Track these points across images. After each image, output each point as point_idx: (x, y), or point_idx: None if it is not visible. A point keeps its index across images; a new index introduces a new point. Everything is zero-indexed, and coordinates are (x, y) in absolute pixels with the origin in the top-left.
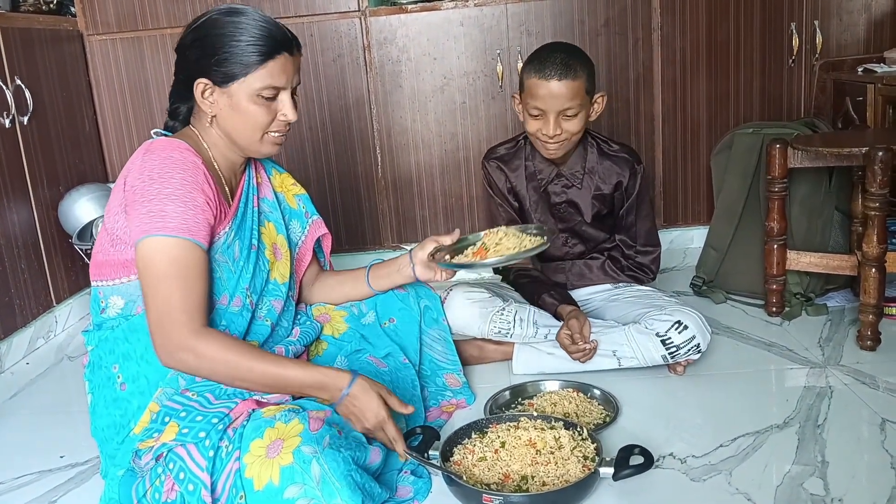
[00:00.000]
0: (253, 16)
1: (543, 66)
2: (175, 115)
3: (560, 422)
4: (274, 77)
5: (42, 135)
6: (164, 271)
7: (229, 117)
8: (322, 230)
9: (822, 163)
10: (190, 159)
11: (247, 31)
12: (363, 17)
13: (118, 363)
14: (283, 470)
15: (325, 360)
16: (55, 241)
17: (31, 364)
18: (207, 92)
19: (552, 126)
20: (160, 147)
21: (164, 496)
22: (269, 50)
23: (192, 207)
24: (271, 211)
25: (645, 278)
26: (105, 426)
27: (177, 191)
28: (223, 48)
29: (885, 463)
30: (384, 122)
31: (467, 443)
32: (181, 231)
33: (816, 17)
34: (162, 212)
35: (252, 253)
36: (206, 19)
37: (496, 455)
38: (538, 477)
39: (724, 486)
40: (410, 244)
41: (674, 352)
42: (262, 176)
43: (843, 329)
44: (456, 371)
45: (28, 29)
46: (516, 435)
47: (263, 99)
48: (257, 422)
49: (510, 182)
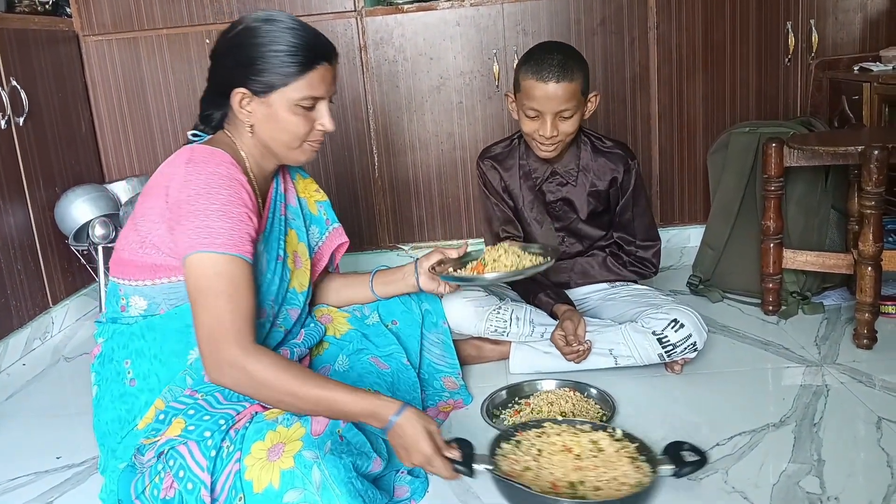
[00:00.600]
0: (290, 24)
1: (540, 67)
2: (207, 122)
3: (586, 424)
4: (313, 87)
5: (38, 136)
6: (213, 287)
7: (267, 126)
8: (342, 239)
9: (818, 161)
10: (235, 176)
11: (285, 40)
12: (359, 18)
13: (130, 359)
14: (283, 474)
15: (326, 360)
16: (51, 243)
17: (27, 365)
18: (245, 101)
19: (549, 127)
20: (203, 159)
21: (163, 493)
22: (309, 60)
23: (238, 223)
24: (294, 218)
25: (647, 272)
26: (109, 420)
27: (224, 206)
28: (262, 58)
29: (882, 461)
30: (381, 123)
31: (505, 453)
32: (229, 247)
33: (812, 15)
34: (209, 228)
35: (278, 264)
36: (243, 27)
37: (538, 464)
38: (588, 482)
39: (721, 484)
40: (407, 244)
41: (670, 350)
42: (288, 181)
43: (839, 327)
44: (454, 374)
45: (24, 30)
46: (549, 441)
47: (302, 108)
48: (259, 424)
49: (504, 181)
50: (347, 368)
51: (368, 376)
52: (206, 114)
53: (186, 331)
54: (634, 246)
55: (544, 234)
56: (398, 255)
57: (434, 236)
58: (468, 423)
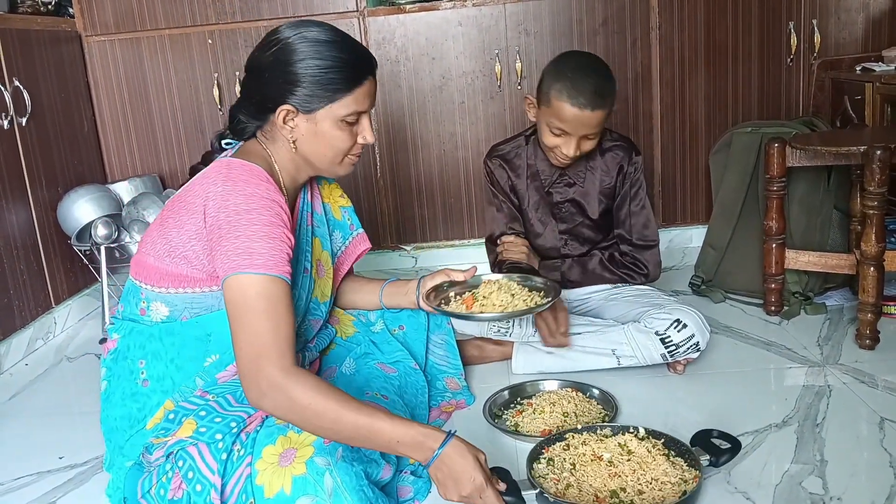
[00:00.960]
0: (334, 37)
1: (577, 93)
2: (240, 133)
3: (606, 428)
4: (359, 102)
5: (40, 136)
6: (254, 307)
7: (310, 142)
8: (365, 244)
9: (820, 162)
10: (274, 196)
11: (331, 56)
12: (361, 18)
13: (145, 359)
14: (295, 480)
15: (332, 361)
16: (54, 243)
17: (30, 365)
18: (290, 118)
19: (573, 148)
20: (242, 177)
21: (171, 494)
22: (356, 76)
23: (279, 244)
24: (319, 226)
25: (638, 275)
26: (118, 416)
27: (264, 227)
28: (309, 75)
29: (884, 461)
30: (383, 122)
31: (542, 474)
32: (270, 268)
33: (815, 15)
34: (250, 249)
35: (305, 277)
36: (285, 43)
37: (576, 478)
38: (629, 487)
39: (723, 484)
40: (409, 244)
41: (673, 350)
42: (315, 188)
43: (841, 328)
44: (457, 375)
45: (26, 30)
46: (579, 453)
47: (347, 124)
48: (270, 428)
49: (511, 181)
50: (354, 372)
51: (375, 381)
52: (239, 126)
53: (206, 339)
54: (630, 245)
55: (547, 236)
56: (400, 255)
57: (436, 236)
58: (470, 424)
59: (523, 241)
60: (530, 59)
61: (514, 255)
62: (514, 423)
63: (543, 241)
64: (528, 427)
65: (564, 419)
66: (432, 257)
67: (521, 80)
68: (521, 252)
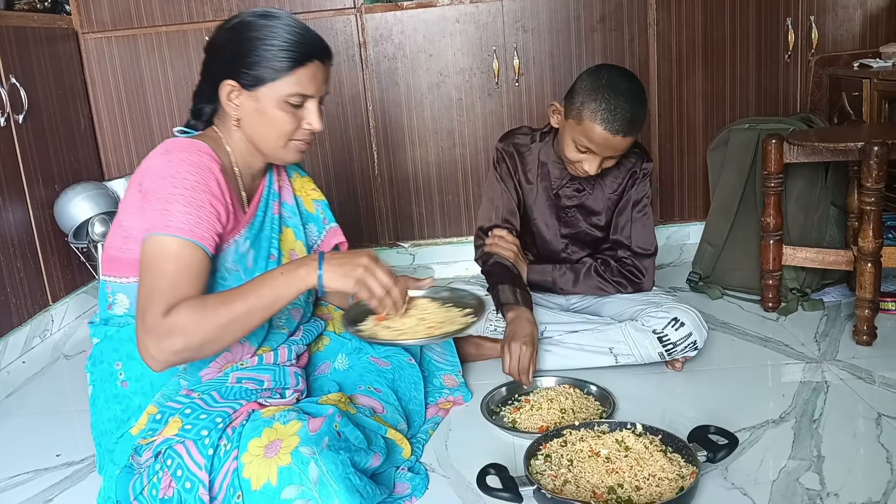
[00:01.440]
0: (287, 20)
1: (612, 118)
2: (198, 116)
3: (604, 424)
4: (303, 84)
5: (37, 133)
6: (161, 267)
7: (254, 122)
8: (339, 238)
9: (817, 158)
10: (206, 164)
11: (280, 35)
12: (359, 14)
13: (121, 361)
14: (280, 470)
15: (326, 356)
16: (51, 240)
17: (27, 363)
18: (234, 94)
19: (596, 166)
20: (179, 147)
21: (162, 493)
22: (300, 56)
23: (198, 209)
24: (291, 216)
25: (629, 287)
26: (105, 419)
27: (186, 191)
28: (254, 51)
29: (881, 457)
30: (380, 120)
31: (540, 470)
32: (184, 232)
33: (812, 12)
34: (167, 211)
35: (270, 263)
36: (239, 21)
37: (574, 474)
38: (626, 483)
39: (721, 480)
40: (407, 242)
41: (670, 349)
42: (284, 179)
43: (839, 324)
44: (454, 372)
45: (23, 27)
46: (577, 449)
47: (290, 106)
48: (256, 422)
49: (518, 174)
50: (348, 367)
51: (368, 375)
52: (197, 108)
53: None
54: (629, 251)
55: (549, 237)
56: (398, 252)
57: (434, 233)
58: (468, 421)
59: (514, 238)
60: (528, 56)
61: (503, 252)
62: (512, 420)
63: (544, 242)
64: (526, 423)
65: (562, 416)
66: (430, 254)
67: (518, 77)
68: (510, 250)
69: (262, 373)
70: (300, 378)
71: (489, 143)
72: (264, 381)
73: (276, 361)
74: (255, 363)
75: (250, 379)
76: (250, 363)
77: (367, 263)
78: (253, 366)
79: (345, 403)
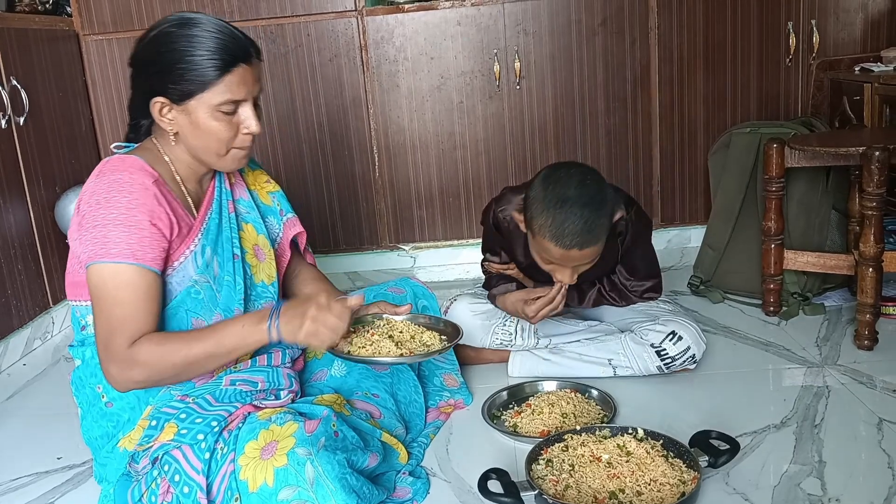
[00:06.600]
0: (206, 27)
1: (562, 233)
2: (136, 130)
3: (605, 429)
4: (233, 91)
5: (38, 135)
6: (114, 296)
7: (191, 135)
8: (297, 229)
9: (819, 162)
10: (139, 181)
11: (201, 44)
12: (360, 17)
13: (101, 384)
14: (277, 471)
15: (323, 363)
16: (52, 242)
17: (27, 365)
18: (165, 110)
19: (569, 275)
20: (110, 168)
21: (160, 499)
22: (225, 63)
23: (137, 231)
24: (248, 211)
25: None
26: (97, 436)
27: (121, 215)
28: (177, 64)
29: (883, 462)
30: (381, 122)
31: (541, 475)
32: (125, 257)
33: (813, 16)
34: (105, 238)
35: (236, 263)
36: (158, 33)
37: (575, 479)
38: (627, 488)
39: (722, 485)
40: (408, 244)
41: (669, 363)
42: (236, 175)
43: (840, 328)
44: (454, 371)
45: (24, 29)
46: (578, 454)
47: (224, 114)
48: (252, 424)
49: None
50: (345, 373)
51: (366, 381)
52: (134, 122)
53: None
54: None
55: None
56: (398, 255)
57: (434, 236)
58: (469, 425)
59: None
60: (529, 59)
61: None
62: (513, 424)
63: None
64: (527, 428)
65: (563, 420)
66: (431, 257)
67: (519, 80)
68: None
69: (255, 375)
70: (293, 380)
71: (490, 145)
72: (258, 383)
73: (270, 363)
74: (248, 365)
75: (244, 381)
76: (244, 365)
77: (314, 315)
78: (246, 368)
79: (340, 405)
